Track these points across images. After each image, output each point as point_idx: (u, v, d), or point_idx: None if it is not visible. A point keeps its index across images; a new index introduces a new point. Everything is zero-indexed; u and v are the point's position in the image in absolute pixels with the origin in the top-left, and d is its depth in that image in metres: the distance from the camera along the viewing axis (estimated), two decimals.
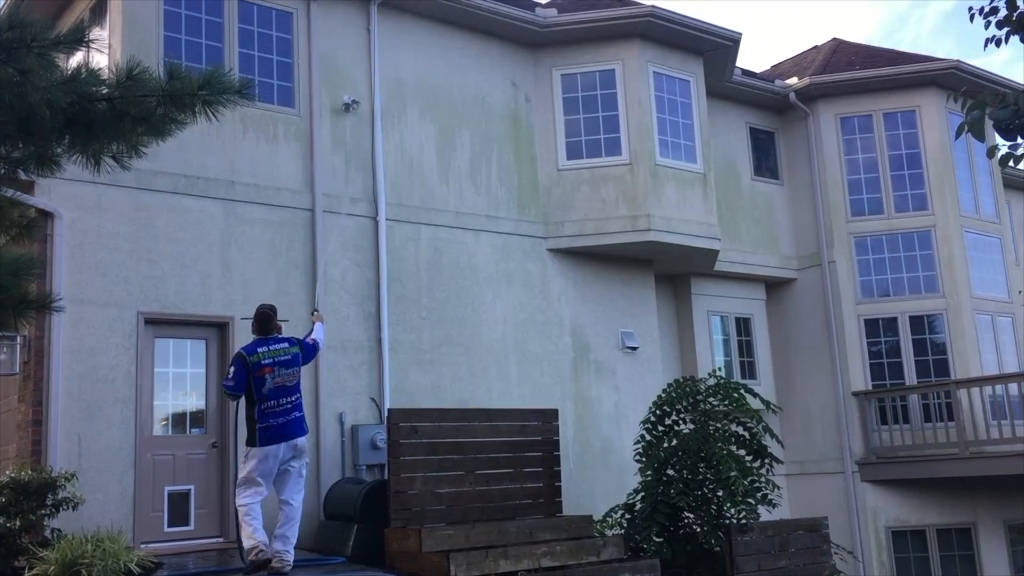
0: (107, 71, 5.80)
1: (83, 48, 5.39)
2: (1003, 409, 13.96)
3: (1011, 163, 4.04)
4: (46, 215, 9.19)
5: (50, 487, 7.99)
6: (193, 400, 10.18)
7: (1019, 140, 3.95)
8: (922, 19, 50.46)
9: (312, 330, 8.56)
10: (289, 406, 7.76)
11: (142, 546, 8.72)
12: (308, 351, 8.18)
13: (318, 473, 10.47)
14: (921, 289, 15.60)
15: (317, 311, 9.22)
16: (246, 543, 7.56)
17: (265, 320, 7.96)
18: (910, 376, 15.28)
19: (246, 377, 7.64)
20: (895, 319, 15.55)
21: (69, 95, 5.07)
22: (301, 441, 7.84)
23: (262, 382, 7.64)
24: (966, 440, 13.99)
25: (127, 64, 5.39)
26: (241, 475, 7.77)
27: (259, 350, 7.75)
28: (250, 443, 7.70)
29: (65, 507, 8.03)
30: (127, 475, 9.32)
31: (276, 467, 7.72)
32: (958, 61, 15.92)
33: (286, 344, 7.93)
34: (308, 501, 10.30)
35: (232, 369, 7.75)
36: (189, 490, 9.79)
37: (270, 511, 8.09)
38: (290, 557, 7.78)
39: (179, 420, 10.10)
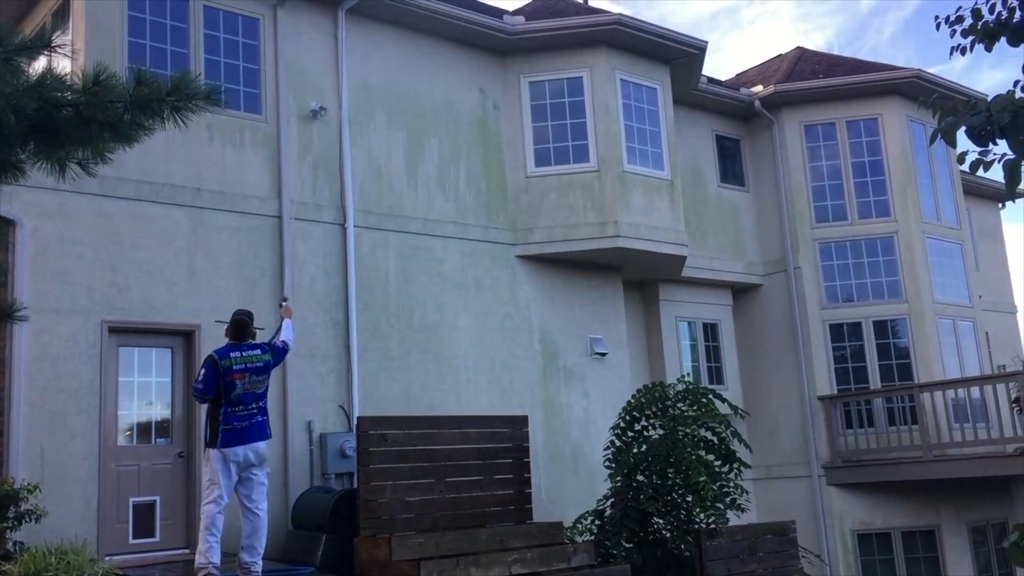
0: (72, 77, 5.72)
1: (48, 53, 5.30)
2: (965, 412, 14.16)
3: (981, 169, 4.10)
4: (7, 223, 9.05)
5: (12, 499, 7.85)
6: (159, 409, 10.05)
7: (990, 146, 4.01)
8: (881, 27, 51.26)
9: (280, 329, 8.42)
10: (255, 410, 7.68)
11: (107, 558, 8.57)
12: (279, 355, 8.10)
13: (286, 482, 10.38)
14: (884, 294, 15.80)
15: (287, 301, 8.97)
16: (197, 559, 7.43)
17: (242, 327, 7.85)
18: (874, 380, 15.47)
19: (216, 380, 7.52)
20: (859, 324, 15.73)
21: (35, 101, 4.98)
22: (262, 447, 7.71)
23: (232, 387, 7.53)
24: (930, 443, 14.18)
25: (94, 69, 5.31)
26: (205, 478, 7.65)
27: (232, 355, 7.64)
28: (211, 444, 7.55)
29: (28, 519, 7.89)
30: (91, 486, 9.18)
31: (236, 472, 7.55)
32: (919, 70, 16.18)
33: (259, 351, 7.82)
34: (276, 511, 10.22)
35: (203, 372, 7.62)
36: (154, 501, 9.65)
37: (233, 524, 7.98)
38: (258, 568, 7.68)
39: (144, 430, 9.96)
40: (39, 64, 6.10)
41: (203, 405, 8.03)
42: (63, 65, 8.38)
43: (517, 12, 14.04)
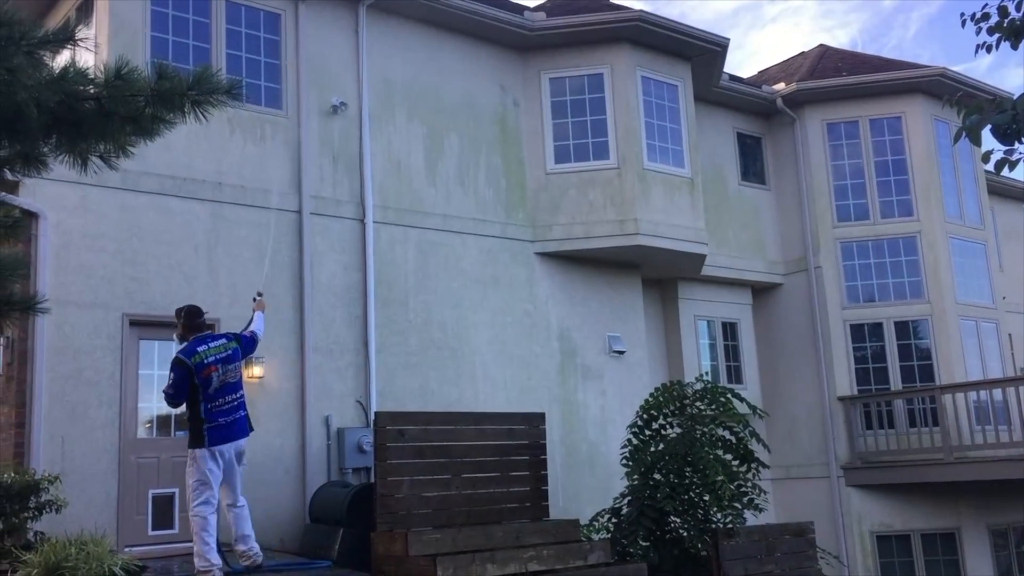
0: (94, 70, 5.75)
1: (71, 47, 5.34)
2: (987, 414, 14.04)
3: (1006, 168, 4.05)
4: (31, 215, 9.12)
5: (33, 490, 7.91)
6: None
7: (1016, 145, 3.97)
8: (906, 24, 50.84)
9: (251, 320, 8.25)
10: (235, 403, 7.50)
11: (126, 549, 8.64)
12: (247, 345, 7.89)
13: (304, 476, 10.43)
14: (906, 295, 15.67)
15: (261, 296, 8.72)
16: (198, 562, 7.25)
17: (196, 314, 7.64)
18: (895, 381, 15.35)
19: (188, 383, 7.30)
20: (880, 324, 15.61)
21: (57, 94, 5.02)
22: (244, 443, 7.60)
23: (208, 382, 7.32)
24: (951, 445, 14.07)
25: (116, 63, 5.34)
26: (193, 479, 7.37)
27: (199, 349, 7.41)
28: (196, 444, 7.36)
29: (48, 510, 7.95)
30: (111, 478, 9.25)
31: (222, 469, 7.41)
32: (944, 68, 16.03)
33: (224, 340, 7.64)
34: (294, 505, 10.30)
35: (172, 376, 7.35)
36: (174, 493, 9.70)
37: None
38: (258, 549, 7.77)
39: (164, 423, 10.02)
40: (62, 58, 6.15)
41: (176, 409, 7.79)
42: (86, 59, 8.44)
43: (538, 8, 14.01)
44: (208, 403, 7.34)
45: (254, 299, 8.65)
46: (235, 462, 7.51)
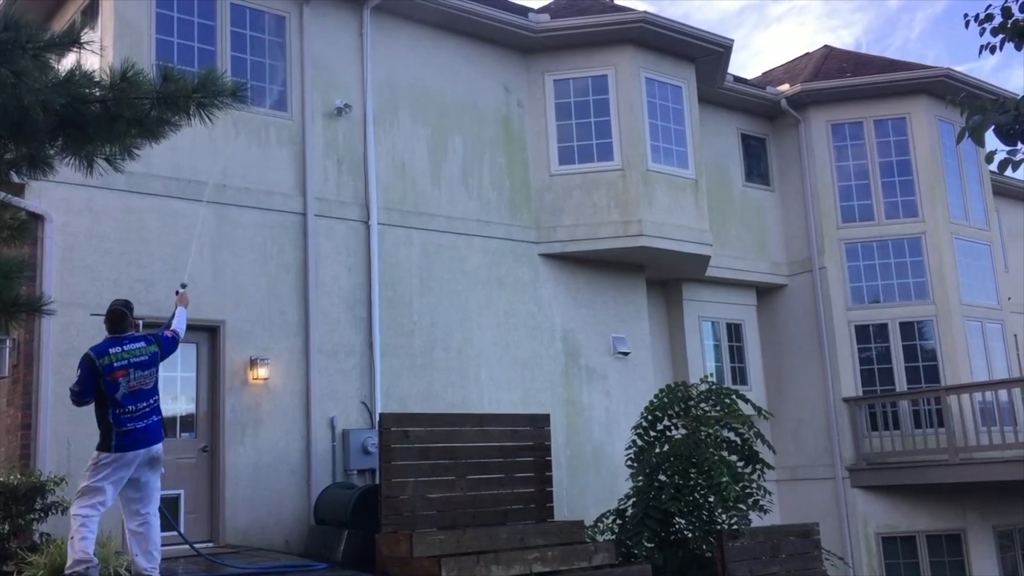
0: (99, 73, 5.78)
1: (77, 50, 5.36)
2: (993, 415, 14.01)
3: (1009, 169, 4.05)
4: (37, 218, 9.14)
5: (39, 491, 7.94)
6: (183, 404, 10.13)
7: (1019, 146, 3.96)
8: (911, 24, 50.80)
9: (172, 317, 7.69)
10: (148, 409, 6.94)
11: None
12: (167, 346, 7.31)
13: (309, 478, 10.44)
14: (911, 296, 15.65)
15: (184, 288, 8.10)
16: (72, 555, 6.63)
17: (119, 318, 7.08)
18: (900, 382, 15.33)
19: (95, 381, 6.79)
20: (885, 325, 15.60)
21: (63, 97, 5.04)
22: (158, 449, 7.01)
23: (115, 386, 6.78)
24: (956, 446, 14.04)
25: (121, 66, 5.37)
26: (85, 483, 6.77)
27: (111, 351, 6.87)
28: (103, 447, 6.78)
29: (54, 511, 7.98)
30: None
31: (127, 476, 6.83)
32: (948, 69, 16.01)
33: (142, 343, 7.05)
34: (298, 506, 10.31)
35: (79, 373, 6.87)
36: (179, 494, 9.73)
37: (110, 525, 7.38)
38: (158, 574, 7.09)
39: (169, 424, 9.96)
40: (68, 61, 6.17)
41: (82, 407, 7.17)
42: (91, 62, 8.46)
43: (542, 10, 14.02)
44: (115, 408, 6.81)
45: (176, 292, 8.06)
46: (147, 469, 6.96)
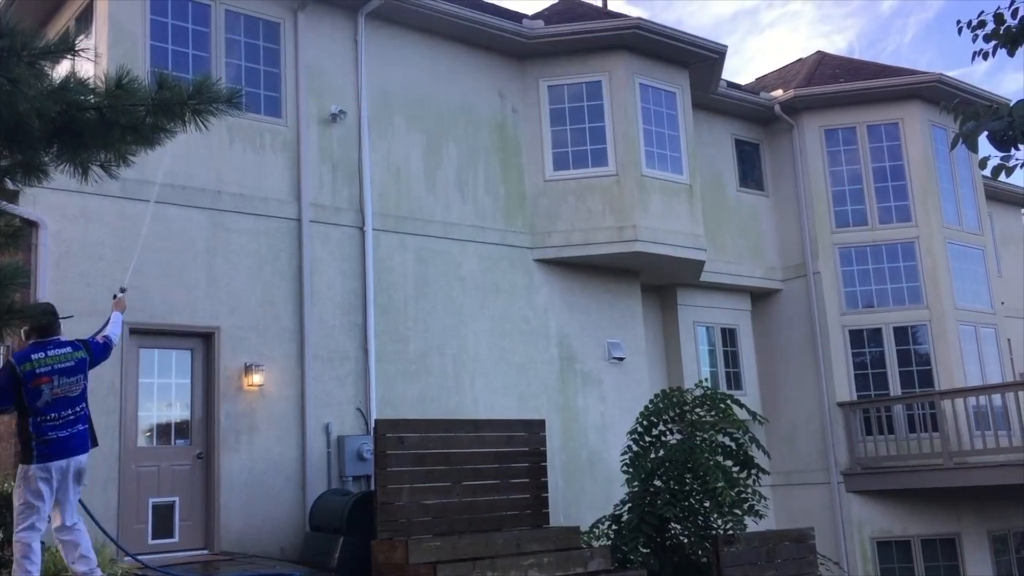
0: (94, 80, 5.78)
1: (72, 57, 5.36)
2: (987, 420, 14.04)
3: (1003, 174, 4.08)
4: (31, 224, 9.13)
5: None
6: (178, 411, 10.11)
7: (1012, 151, 3.99)
8: (903, 30, 50.98)
9: (106, 323, 7.37)
10: (72, 418, 6.62)
11: (126, 559, 8.63)
12: (97, 353, 7.01)
13: (304, 484, 10.42)
14: (905, 300, 15.69)
15: (123, 292, 7.76)
16: None
17: (44, 324, 6.78)
18: (894, 387, 15.36)
19: (15, 388, 6.47)
20: (879, 330, 15.63)
21: (58, 104, 5.03)
22: (84, 459, 6.70)
23: (37, 394, 6.47)
24: (950, 451, 14.07)
25: (116, 73, 5.37)
26: (20, 501, 6.47)
27: (34, 357, 6.56)
28: (26, 460, 6.47)
29: (49, 520, 7.92)
30: (111, 486, 9.24)
31: (56, 487, 6.51)
32: (941, 74, 16.08)
33: (69, 349, 6.75)
34: (294, 513, 10.29)
35: None
36: (174, 502, 9.71)
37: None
38: (100, 573, 6.85)
39: (164, 431, 10.03)
40: (62, 68, 6.17)
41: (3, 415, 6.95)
42: (86, 69, 8.46)
43: (536, 16, 14.04)
44: (36, 416, 6.49)
45: (114, 296, 7.72)
46: (71, 480, 6.63)
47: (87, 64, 8.83)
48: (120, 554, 8.68)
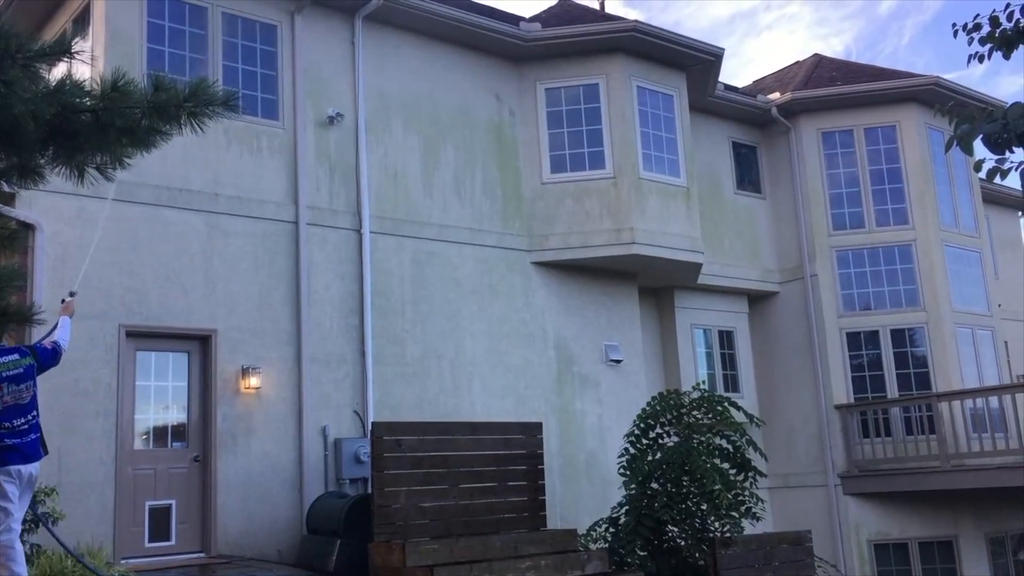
0: (90, 83, 5.77)
1: (68, 59, 5.35)
2: (984, 422, 14.04)
3: (997, 177, 4.08)
4: (27, 227, 9.12)
5: (30, 502, 7.88)
6: (175, 413, 10.10)
7: (1007, 154, 3.99)
8: (901, 32, 51.04)
9: (54, 328, 7.12)
10: (25, 427, 6.42)
11: (123, 561, 8.63)
12: (45, 359, 6.78)
13: (301, 487, 10.41)
14: (902, 303, 15.70)
15: (73, 296, 7.50)
16: None
17: None
18: (892, 389, 15.36)
19: None
20: (876, 332, 15.64)
21: (54, 106, 5.04)
22: (36, 468, 6.49)
23: None
24: (947, 453, 14.07)
25: (112, 75, 5.37)
26: None
27: None
28: None
29: (45, 522, 7.92)
30: (108, 489, 9.23)
31: (19, 490, 6.33)
32: (937, 77, 16.09)
33: (16, 355, 6.53)
34: (291, 515, 10.28)
35: None
36: (170, 505, 9.70)
37: None
38: None
39: (160, 434, 10.02)
40: (58, 70, 6.16)
41: None
42: (82, 71, 8.46)
43: (533, 19, 14.06)
44: None
45: (63, 301, 7.47)
46: (27, 489, 6.47)
47: (83, 67, 8.83)
48: (116, 556, 8.68)
